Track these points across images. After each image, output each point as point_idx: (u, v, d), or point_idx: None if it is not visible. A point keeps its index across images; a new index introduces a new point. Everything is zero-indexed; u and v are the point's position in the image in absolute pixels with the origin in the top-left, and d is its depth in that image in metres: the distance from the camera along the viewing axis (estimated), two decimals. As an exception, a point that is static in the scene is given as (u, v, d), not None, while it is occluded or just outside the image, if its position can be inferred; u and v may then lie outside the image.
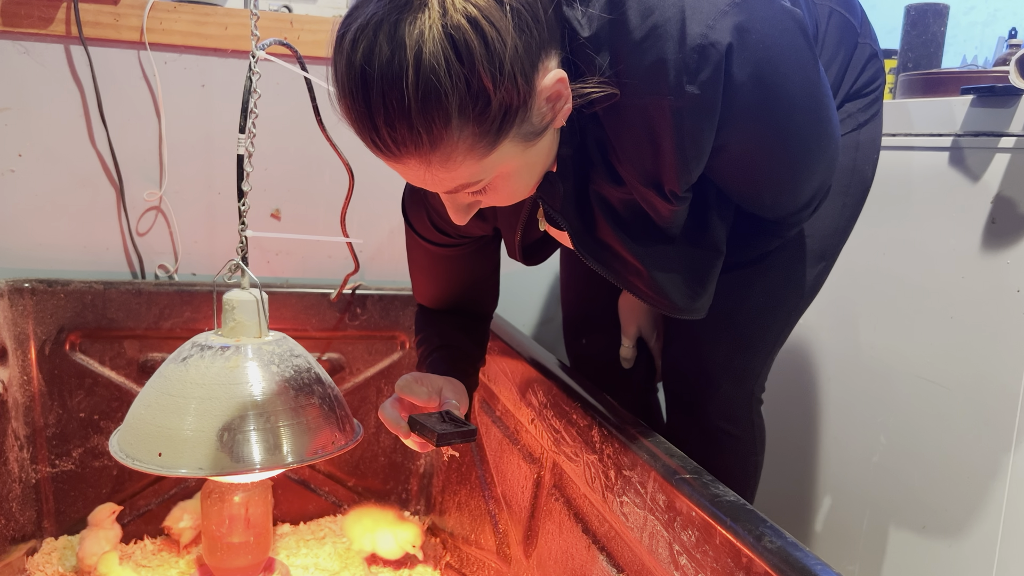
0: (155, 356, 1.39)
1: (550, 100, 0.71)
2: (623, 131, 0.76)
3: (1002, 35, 1.66)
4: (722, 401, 1.08)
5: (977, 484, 1.13)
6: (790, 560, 0.62)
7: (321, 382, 1.08)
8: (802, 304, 1.06)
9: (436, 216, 0.99)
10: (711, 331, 1.05)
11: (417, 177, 0.72)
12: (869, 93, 1.02)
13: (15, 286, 1.33)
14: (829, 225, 1.03)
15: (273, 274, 1.59)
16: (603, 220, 0.83)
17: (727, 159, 0.79)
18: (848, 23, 0.98)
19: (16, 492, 1.30)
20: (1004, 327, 1.10)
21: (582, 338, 1.26)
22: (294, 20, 1.51)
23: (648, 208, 0.81)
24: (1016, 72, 1.04)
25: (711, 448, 1.09)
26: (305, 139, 1.55)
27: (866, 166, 1.03)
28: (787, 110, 0.77)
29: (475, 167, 0.70)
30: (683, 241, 0.85)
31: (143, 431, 1.00)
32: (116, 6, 1.42)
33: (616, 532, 0.88)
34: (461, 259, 1.05)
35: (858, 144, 1.02)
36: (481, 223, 0.98)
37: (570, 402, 1.00)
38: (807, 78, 0.77)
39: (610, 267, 0.87)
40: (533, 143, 0.73)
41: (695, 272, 0.87)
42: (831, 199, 1.01)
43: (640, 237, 0.83)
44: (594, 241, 0.85)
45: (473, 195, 0.77)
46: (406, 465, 1.55)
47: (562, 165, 0.80)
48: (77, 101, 1.45)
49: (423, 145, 0.66)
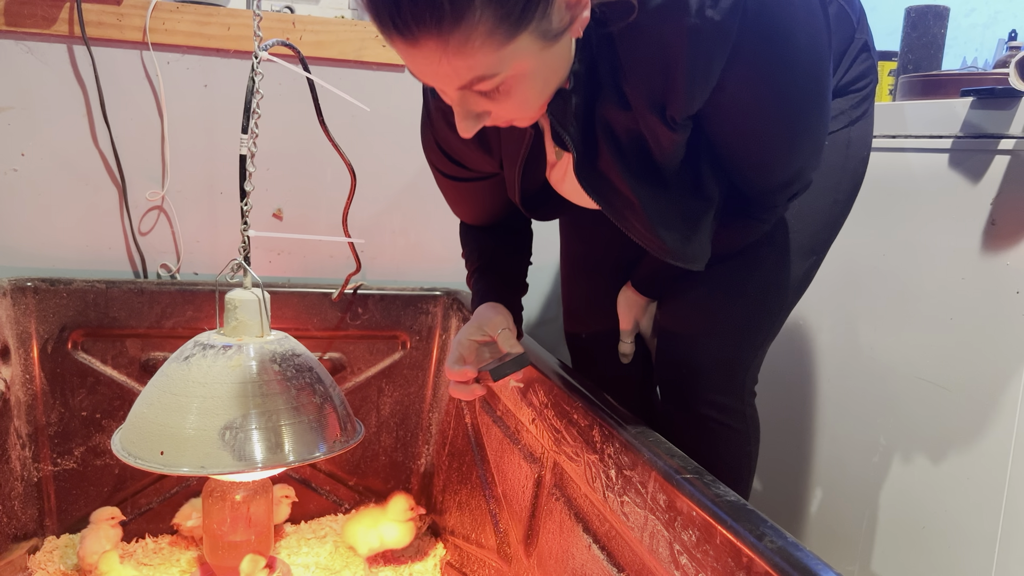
0: (157, 355, 1.40)
1: (569, 5, 0.71)
2: (637, 51, 0.78)
3: (1002, 37, 1.67)
4: (714, 392, 1.09)
5: (976, 485, 1.13)
6: (791, 560, 0.62)
7: (322, 381, 1.08)
8: (792, 298, 1.07)
9: (449, 148, 1.00)
10: (703, 322, 1.07)
11: (430, 66, 0.71)
12: (860, 89, 1.03)
13: (18, 285, 1.34)
14: (819, 220, 1.04)
15: (275, 274, 1.60)
16: (605, 148, 0.84)
17: (722, 102, 0.79)
18: (846, 15, 1.00)
19: (18, 490, 1.30)
20: (1004, 328, 1.10)
21: (582, 332, 1.27)
22: (296, 21, 1.51)
23: (650, 136, 0.82)
24: (1016, 74, 1.04)
25: (704, 438, 1.10)
26: (307, 139, 1.55)
27: (857, 163, 1.05)
28: (788, 66, 0.78)
29: (492, 57, 0.70)
30: (677, 187, 0.87)
31: (145, 430, 1.00)
32: (119, 6, 1.42)
33: (617, 532, 0.88)
34: (485, 189, 1.06)
35: (849, 141, 1.03)
36: (487, 157, 0.99)
37: (571, 402, 1.00)
38: (814, 46, 0.79)
39: (607, 200, 0.87)
40: (550, 45, 0.73)
41: (688, 217, 0.89)
42: (822, 195, 1.03)
43: (638, 172, 0.84)
44: (595, 171, 0.86)
45: (484, 99, 0.76)
46: (407, 464, 1.56)
47: (574, 82, 0.81)
48: (80, 101, 1.45)
49: (444, 19, 0.66)
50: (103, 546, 1.27)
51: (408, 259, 1.68)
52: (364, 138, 1.59)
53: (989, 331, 1.12)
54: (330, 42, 1.53)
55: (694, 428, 1.11)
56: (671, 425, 1.15)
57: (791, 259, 1.04)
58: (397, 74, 1.60)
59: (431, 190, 1.67)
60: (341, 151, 1.29)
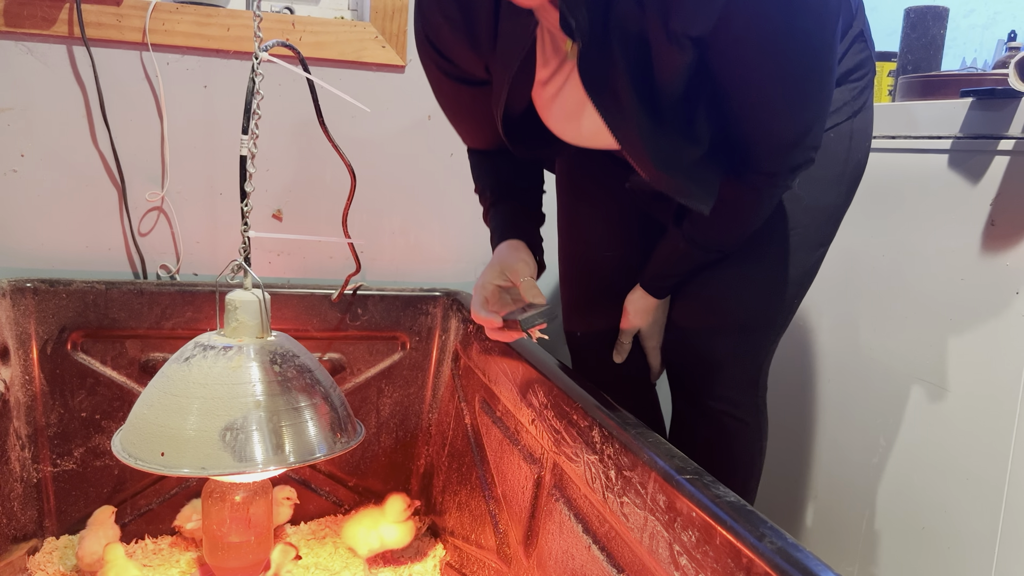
0: (157, 356, 1.40)
1: None
2: None
3: (1002, 38, 1.67)
4: (725, 386, 1.10)
5: (976, 485, 1.13)
6: (791, 560, 0.62)
7: (322, 382, 1.08)
8: (800, 291, 1.08)
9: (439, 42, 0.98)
10: (714, 317, 1.07)
11: None
12: (858, 80, 1.03)
13: (17, 286, 1.34)
14: (825, 213, 1.05)
15: (275, 274, 1.60)
16: (615, 44, 0.82)
17: (726, 40, 0.78)
18: (846, 1, 1.00)
19: (18, 491, 1.30)
20: (1003, 329, 1.10)
21: (581, 331, 1.27)
22: (296, 21, 1.51)
23: (654, 47, 0.81)
24: (1016, 75, 1.04)
25: (716, 433, 1.11)
26: (307, 140, 1.55)
27: (860, 155, 1.06)
28: (795, 12, 0.77)
29: None
30: (670, 119, 0.86)
31: (146, 431, 1.00)
32: (119, 7, 1.42)
33: (616, 532, 0.88)
34: (480, 99, 1.03)
35: (852, 133, 1.03)
36: (475, 57, 0.97)
37: (571, 403, 1.00)
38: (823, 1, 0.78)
39: (603, 103, 0.86)
40: None
41: (675, 150, 0.88)
42: (827, 188, 1.03)
43: (637, 83, 0.83)
44: (598, 67, 0.84)
45: None
46: (407, 465, 1.56)
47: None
48: (80, 101, 1.45)
49: None
50: (102, 547, 1.27)
51: (408, 260, 1.68)
52: (364, 139, 1.59)
53: (989, 331, 1.12)
54: (330, 43, 1.53)
55: (705, 423, 1.11)
56: (682, 421, 1.16)
57: (800, 252, 1.05)
58: (397, 75, 1.60)
59: (431, 191, 1.67)
60: (341, 152, 1.29)
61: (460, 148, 1.66)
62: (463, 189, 1.69)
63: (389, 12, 1.57)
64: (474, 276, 1.71)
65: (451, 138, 1.66)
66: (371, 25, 1.56)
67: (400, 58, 1.58)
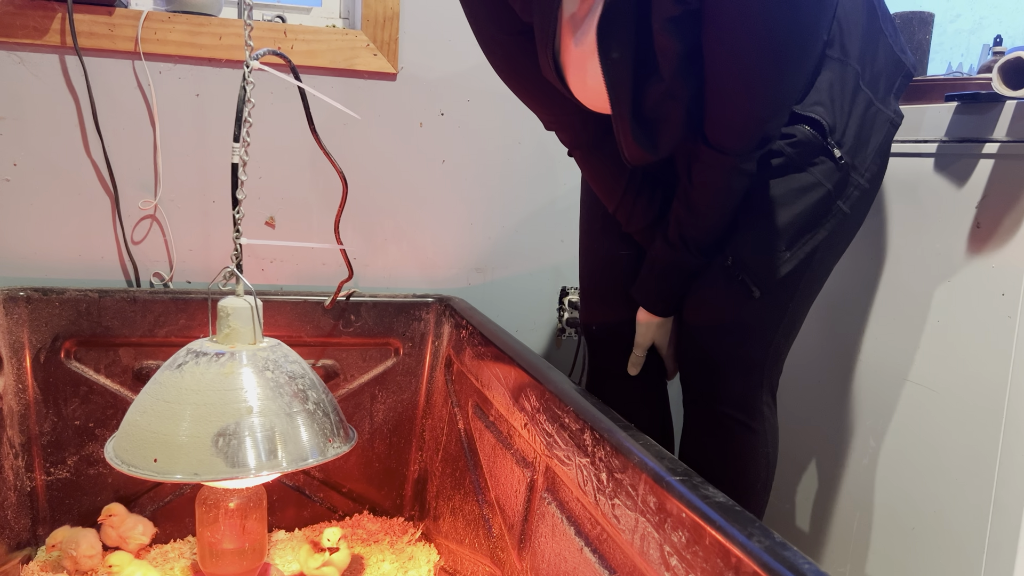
0: (150, 364, 1.40)
1: None
2: None
3: (987, 43, 1.69)
4: (732, 391, 1.10)
5: (965, 486, 1.14)
6: (779, 558, 0.63)
7: (315, 388, 1.09)
8: (806, 298, 1.09)
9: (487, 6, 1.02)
10: (718, 317, 1.09)
11: None
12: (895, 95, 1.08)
13: (10, 294, 1.34)
14: None
15: (267, 281, 1.60)
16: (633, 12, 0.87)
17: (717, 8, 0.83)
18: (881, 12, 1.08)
19: (11, 500, 1.30)
20: (990, 330, 1.11)
21: (596, 324, 1.29)
22: (288, 30, 1.52)
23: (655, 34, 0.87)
24: (999, 79, 1.06)
25: (726, 439, 1.12)
26: (299, 148, 1.56)
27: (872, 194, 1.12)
28: None
29: None
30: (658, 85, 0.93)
31: (139, 437, 1.01)
32: (111, 16, 1.43)
33: (608, 535, 0.88)
34: None
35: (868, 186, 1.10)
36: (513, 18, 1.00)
37: (562, 406, 1.01)
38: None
39: (610, 61, 0.91)
40: None
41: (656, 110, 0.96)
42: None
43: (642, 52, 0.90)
44: (619, 26, 0.89)
45: None
46: (400, 471, 1.56)
47: None
48: (72, 111, 1.46)
49: None
50: (96, 548, 1.27)
51: (400, 266, 1.69)
52: (356, 146, 1.59)
53: (975, 333, 1.13)
54: (321, 51, 1.54)
55: (715, 429, 1.12)
56: (690, 424, 1.17)
57: None
58: (388, 83, 1.61)
59: (423, 198, 1.68)
60: (333, 159, 1.30)
61: (452, 155, 1.68)
62: (455, 195, 1.70)
63: (380, 20, 1.58)
64: (466, 282, 1.72)
65: (443, 145, 1.67)
66: (363, 33, 1.57)
67: (392, 66, 1.59)
